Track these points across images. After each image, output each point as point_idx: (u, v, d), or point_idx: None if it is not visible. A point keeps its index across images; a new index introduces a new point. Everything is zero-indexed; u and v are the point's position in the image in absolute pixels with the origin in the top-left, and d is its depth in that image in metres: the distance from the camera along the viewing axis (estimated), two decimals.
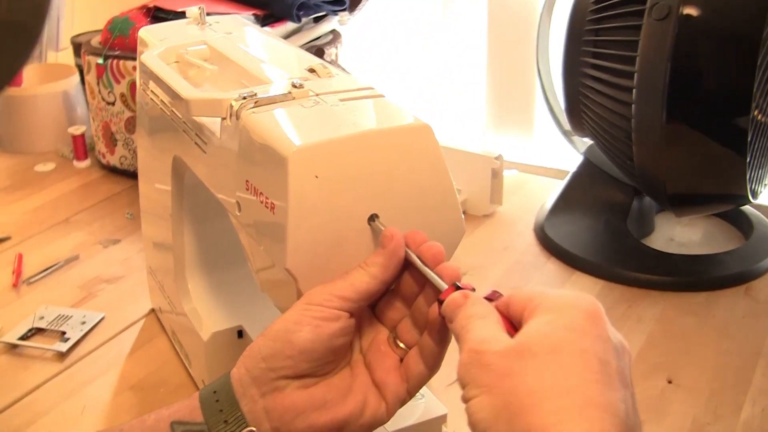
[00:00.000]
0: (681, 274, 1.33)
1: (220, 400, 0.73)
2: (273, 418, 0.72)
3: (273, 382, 0.72)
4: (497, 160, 1.53)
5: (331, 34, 1.86)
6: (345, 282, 0.74)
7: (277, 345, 0.72)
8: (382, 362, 0.76)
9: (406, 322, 0.77)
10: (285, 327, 0.72)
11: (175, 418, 0.74)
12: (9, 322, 1.28)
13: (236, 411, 0.72)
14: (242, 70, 0.94)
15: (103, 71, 1.73)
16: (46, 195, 1.76)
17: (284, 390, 0.72)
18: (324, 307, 0.72)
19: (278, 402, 0.72)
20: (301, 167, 0.71)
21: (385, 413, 0.75)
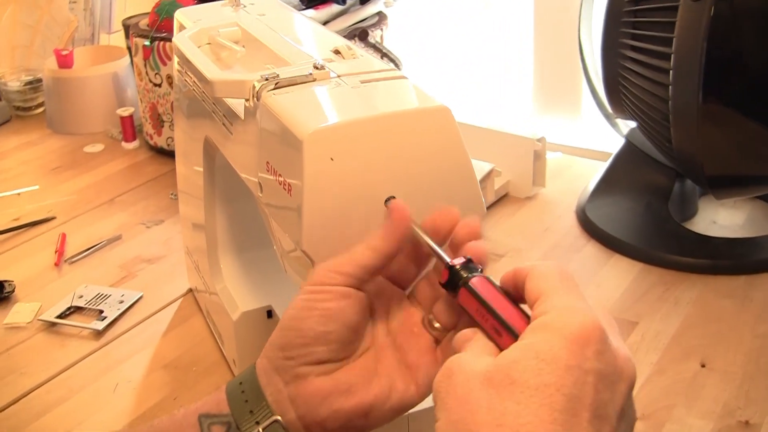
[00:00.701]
0: (720, 257, 1.31)
1: (246, 391, 0.73)
2: (298, 405, 0.71)
3: (294, 370, 0.71)
4: (539, 142, 1.52)
5: (377, 16, 1.86)
6: (345, 257, 0.72)
7: (289, 334, 0.72)
8: (415, 343, 0.75)
9: (442, 303, 0.75)
10: (294, 315, 0.72)
11: (202, 411, 0.74)
12: (49, 300, 1.30)
13: (261, 401, 0.72)
14: (270, 51, 0.94)
15: (150, 53, 1.74)
16: (93, 176, 1.78)
17: (307, 377, 0.71)
18: (327, 286, 0.71)
19: (302, 389, 0.71)
20: (316, 149, 0.71)
21: (415, 395, 0.74)
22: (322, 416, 0.71)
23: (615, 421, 0.57)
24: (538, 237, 1.43)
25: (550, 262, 0.64)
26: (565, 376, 0.55)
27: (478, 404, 0.56)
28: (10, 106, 2.16)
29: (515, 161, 1.54)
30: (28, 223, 1.57)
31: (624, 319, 1.19)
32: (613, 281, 1.29)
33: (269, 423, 0.71)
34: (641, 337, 1.15)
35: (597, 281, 1.29)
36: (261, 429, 0.71)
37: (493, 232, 1.44)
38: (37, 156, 1.91)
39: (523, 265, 0.65)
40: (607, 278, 1.30)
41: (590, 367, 0.55)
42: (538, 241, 1.41)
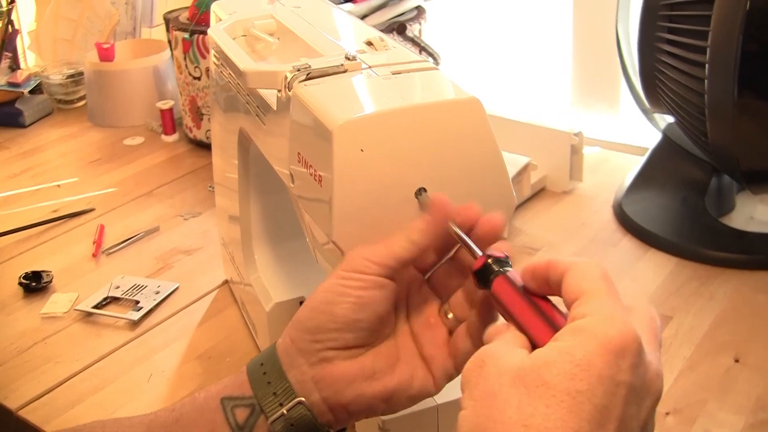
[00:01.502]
0: (756, 252, 1.31)
1: (267, 373, 0.73)
2: (322, 388, 0.72)
3: (320, 353, 0.72)
4: (576, 136, 1.51)
5: (416, 10, 1.86)
6: (382, 247, 0.72)
7: (321, 317, 0.72)
8: (431, 335, 0.76)
9: (459, 295, 0.76)
10: (327, 298, 0.72)
11: (224, 394, 0.74)
12: (86, 291, 1.32)
13: (284, 382, 0.72)
14: (303, 43, 0.95)
15: (189, 46, 1.75)
16: (132, 168, 1.79)
17: (333, 361, 0.72)
18: (362, 274, 0.71)
19: (327, 372, 0.72)
20: (346, 141, 0.71)
21: (432, 386, 0.75)
22: (347, 399, 0.72)
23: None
24: (574, 231, 1.42)
25: (592, 261, 0.62)
26: (598, 386, 0.54)
27: (508, 401, 0.55)
28: (52, 99, 2.18)
29: (552, 155, 1.54)
30: (67, 214, 1.58)
31: (659, 314, 1.18)
32: (649, 275, 1.28)
33: (293, 404, 0.72)
34: (675, 331, 1.15)
35: (632, 275, 1.28)
36: (285, 410, 0.72)
37: (530, 226, 1.44)
38: (78, 148, 1.93)
39: (559, 258, 0.64)
40: (643, 272, 1.29)
41: (623, 379, 0.55)
42: (575, 235, 1.41)
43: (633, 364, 0.56)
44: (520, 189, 1.47)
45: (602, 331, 0.56)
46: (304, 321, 0.73)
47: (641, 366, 0.56)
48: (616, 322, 0.57)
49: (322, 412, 0.72)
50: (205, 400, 0.74)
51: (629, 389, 0.55)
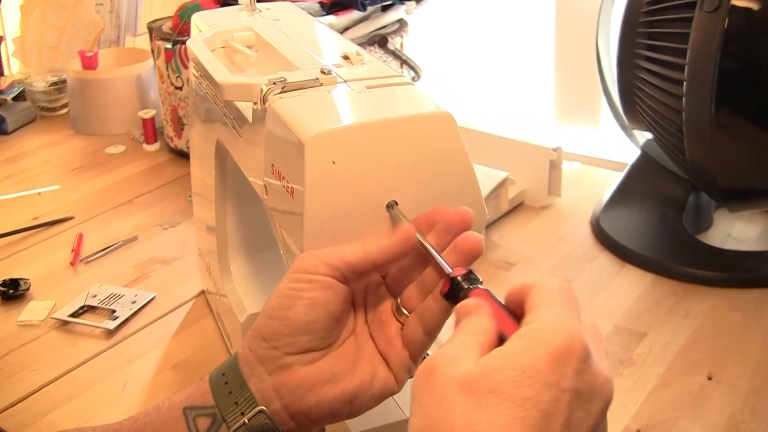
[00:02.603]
0: (733, 270, 1.31)
1: (229, 382, 0.73)
2: (283, 395, 0.72)
3: (278, 360, 0.72)
4: (555, 151, 1.52)
5: (398, 23, 1.87)
6: (335, 250, 0.73)
7: (274, 323, 0.72)
8: (384, 331, 0.76)
9: (412, 288, 0.76)
10: (279, 303, 0.72)
11: (187, 403, 0.74)
12: (63, 299, 1.32)
13: (245, 392, 0.72)
14: (281, 56, 0.95)
15: (172, 56, 1.76)
16: (113, 176, 1.79)
17: (291, 367, 0.72)
18: (311, 274, 0.71)
19: (287, 379, 0.72)
20: (318, 153, 0.72)
21: (394, 383, 0.75)
22: (307, 405, 0.72)
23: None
24: (551, 246, 1.43)
25: (556, 280, 0.63)
26: (543, 392, 0.54)
27: (453, 408, 0.55)
28: (35, 107, 2.18)
29: (531, 170, 1.54)
30: (46, 222, 1.58)
31: (633, 330, 1.19)
32: (625, 292, 1.29)
33: (254, 413, 0.72)
34: (649, 348, 1.15)
35: (608, 291, 1.29)
36: (246, 419, 0.72)
37: (507, 240, 1.45)
38: (60, 156, 1.93)
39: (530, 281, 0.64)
40: (619, 288, 1.30)
41: (568, 385, 0.55)
42: (552, 250, 1.42)
43: (578, 369, 0.56)
44: (498, 203, 1.48)
45: (547, 337, 0.56)
46: (260, 329, 0.73)
47: (587, 372, 0.56)
48: (563, 329, 0.57)
49: (283, 421, 0.72)
50: (168, 410, 0.75)
51: (575, 395, 0.55)
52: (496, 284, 1.31)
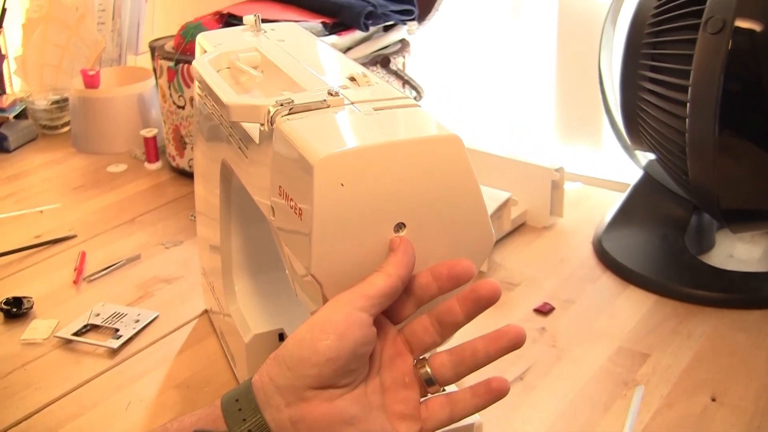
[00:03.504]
0: (735, 291, 1.31)
1: (243, 409, 0.73)
2: (300, 429, 0.72)
3: (299, 392, 0.72)
4: (558, 172, 1.52)
5: (400, 43, 1.87)
6: (364, 283, 0.74)
7: (303, 353, 0.72)
8: (404, 394, 0.76)
9: (445, 357, 0.77)
10: (311, 334, 0.72)
11: (197, 427, 0.74)
12: (66, 317, 1.32)
13: (260, 419, 0.72)
14: (287, 77, 0.96)
15: (174, 75, 1.76)
16: (115, 195, 1.80)
17: (312, 401, 0.72)
18: (349, 309, 0.72)
19: (306, 413, 0.72)
20: (326, 175, 0.72)
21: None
22: None
23: None
24: (553, 267, 1.43)
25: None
26: None
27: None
28: (37, 125, 2.18)
29: (533, 191, 1.55)
30: (48, 240, 1.58)
31: (636, 351, 1.19)
32: (627, 313, 1.29)
33: None
34: (653, 369, 1.15)
35: (611, 312, 1.29)
36: None
37: (509, 261, 1.45)
38: (61, 174, 1.93)
39: None
40: (622, 309, 1.30)
41: None
42: (554, 271, 1.42)
43: None
44: (501, 224, 1.48)
45: None
46: (285, 357, 0.73)
47: None
48: None
49: None
50: (177, 431, 0.74)
51: None
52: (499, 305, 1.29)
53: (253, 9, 1.77)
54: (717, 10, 1.17)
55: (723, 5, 1.16)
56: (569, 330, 1.25)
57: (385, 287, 0.73)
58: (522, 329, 0.76)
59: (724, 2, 1.16)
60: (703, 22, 1.17)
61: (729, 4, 1.16)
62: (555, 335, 1.24)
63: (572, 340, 1.22)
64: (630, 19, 1.34)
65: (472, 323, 0.78)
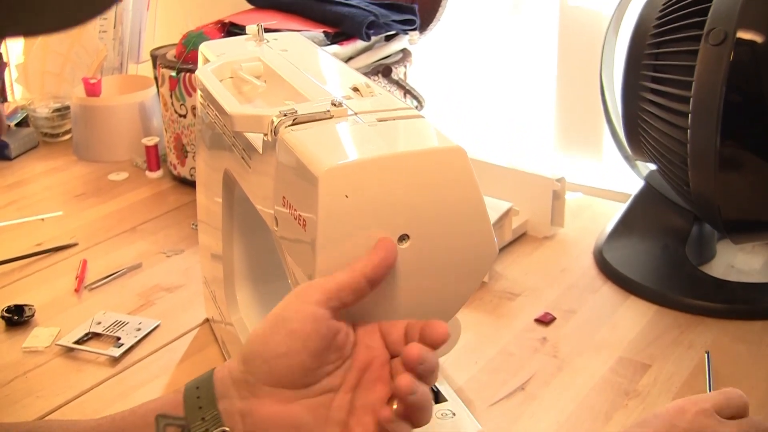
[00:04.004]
0: (737, 301, 1.32)
1: (201, 397, 0.74)
2: (247, 423, 0.72)
3: (252, 387, 0.72)
4: (559, 182, 1.53)
5: (401, 53, 1.88)
6: (329, 276, 0.74)
7: (255, 348, 0.73)
8: (367, 421, 0.74)
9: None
10: (262, 329, 0.73)
11: (161, 411, 0.74)
12: (68, 325, 1.32)
13: (214, 410, 0.72)
14: (290, 87, 0.96)
15: (176, 84, 1.76)
16: (116, 203, 1.80)
17: (262, 398, 0.72)
18: (302, 303, 0.72)
19: (255, 409, 0.72)
20: (331, 186, 0.72)
21: None
22: None
23: None
24: (554, 277, 1.43)
25: None
26: None
27: None
28: (38, 133, 2.18)
29: (534, 201, 1.55)
30: (50, 248, 1.58)
31: (637, 362, 1.19)
32: (628, 323, 1.29)
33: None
34: (654, 379, 1.16)
35: (612, 323, 1.29)
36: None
37: (510, 271, 1.45)
38: (62, 182, 1.93)
39: None
40: (623, 320, 1.30)
41: None
42: (555, 281, 1.42)
43: None
44: (502, 234, 1.48)
45: None
46: (244, 351, 0.74)
47: None
48: None
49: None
50: (143, 415, 0.75)
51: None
52: (501, 315, 1.31)
53: (254, 18, 1.77)
54: (719, 22, 1.17)
55: (725, 17, 1.17)
56: (570, 340, 1.25)
57: (345, 281, 0.73)
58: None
59: (726, 14, 1.17)
60: (705, 33, 1.18)
61: (731, 16, 1.16)
62: (556, 345, 1.24)
63: (573, 351, 1.22)
64: (632, 30, 1.35)
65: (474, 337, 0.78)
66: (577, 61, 1.80)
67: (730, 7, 1.17)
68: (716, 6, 1.19)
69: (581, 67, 1.78)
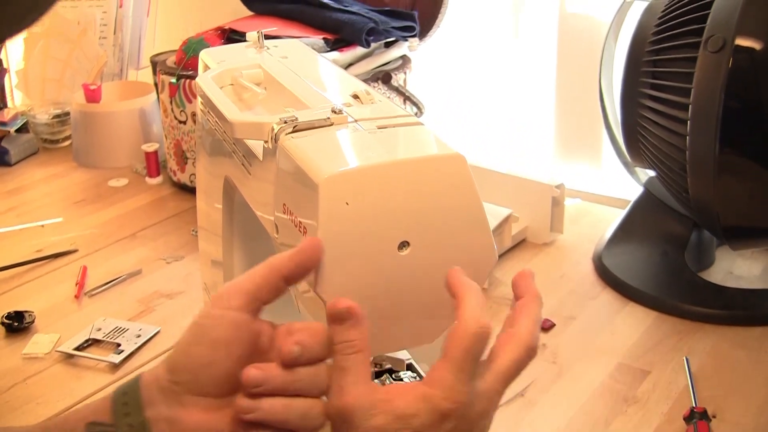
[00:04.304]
0: (736, 307, 1.32)
1: (128, 403, 0.71)
2: (174, 431, 0.70)
3: (178, 396, 0.70)
4: (558, 188, 1.53)
5: (401, 59, 1.88)
6: (246, 274, 0.73)
7: (180, 358, 0.71)
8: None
9: None
10: (186, 338, 0.71)
11: (90, 418, 0.72)
12: (68, 332, 1.32)
13: (140, 416, 0.70)
14: (290, 94, 0.96)
15: (176, 91, 1.77)
16: (116, 210, 1.80)
17: (188, 407, 0.70)
18: (222, 309, 0.71)
19: (181, 417, 0.70)
20: (332, 194, 0.72)
21: None
22: None
23: None
24: (553, 283, 1.43)
25: (475, 322, 0.71)
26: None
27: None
28: (38, 139, 2.18)
29: (533, 207, 1.55)
30: (50, 254, 1.59)
31: (636, 368, 1.19)
32: (627, 329, 1.29)
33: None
34: (653, 386, 1.16)
35: (611, 329, 1.29)
36: None
37: (509, 277, 1.42)
38: (62, 188, 1.94)
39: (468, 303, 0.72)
40: (622, 326, 1.30)
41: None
42: (554, 287, 1.42)
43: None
44: (501, 240, 1.48)
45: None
46: (169, 359, 0.72)
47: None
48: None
49: None
50: (75, 422, 0.73)
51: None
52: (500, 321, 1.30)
53: (254, 25, 1.78)
54: (718, 29, 1.17)
55: (724, 24, 1.17)
56: (570, 346, 1.25)
57: (263, 281, 0.72)
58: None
59: (725, 21, 1.17)
60: (704, 40, 1.18)
61: (730, 23, 1.16)
62: (555, 352, 1.24)
63: (573, 357, 1.23)
64: (631, 37, 1.35)
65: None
66: (576, 68, 1.80)
67: (729, 14, 1.17)
68: (715, 13, 1.19)
69: (580, 74, 1.78)
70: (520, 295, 0.78)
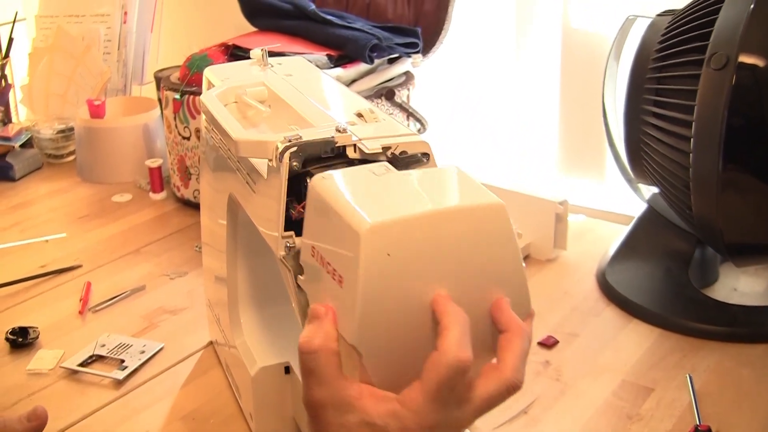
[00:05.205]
0: (739, 325, 1.32)
1: None
2: None
3: None
4: (561, 205, 1.53)
5: (404, 76, 1.88)
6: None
7: None
8: None
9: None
10: None
11: None
12: (72, 348, 1.32)
13: None
14: (294, 112, 0.96)
15: (180, 106, 1.77)
16: (120, 225, 1.80)
17: None
18: None
19: None
20: (374, 244, 0.70)
21: None
22: None
23: None
24: (557, 300, 1.43)
25: (454, 352, 0.72)
26: None
27: None
28: (42, 154, 2.19)
29: (537, 223, 1.55)
30: (54, 270, 1.59)
31: (640, 385, 1.19)
32: (631, 346, 1.29)
33: None
34: (656, 403, 1.16)
35: (615, 346, 1.29)
36: None
37: None
38: (66, 203, 1.94)
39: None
40: (625, 343, 1.30)
41: None
42: (557, 304, 1.42)
43: None
44: None
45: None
46: None
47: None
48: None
49: None
50: None
51: None
52: None
53: (258, 41, 1.78)
54: (720, 46, 1.18)
55: (726, 41, 1.17)
56: (573, 363, 1.25)
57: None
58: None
59: (728, 38, 1.17)
60: (707, 57, 1.19)
61: (732, 40, 1.17)
62: (559, 369, 1.24)
63: (576, 374, 1.23)
64: (634, 54, 1.36)
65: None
66: (579, 84, 1.81)
67: (732, 31, 1.17)
68: (718, 31, 1.19)
69: (584, 90, 1.78)
70: (503, 330, 0.78)
